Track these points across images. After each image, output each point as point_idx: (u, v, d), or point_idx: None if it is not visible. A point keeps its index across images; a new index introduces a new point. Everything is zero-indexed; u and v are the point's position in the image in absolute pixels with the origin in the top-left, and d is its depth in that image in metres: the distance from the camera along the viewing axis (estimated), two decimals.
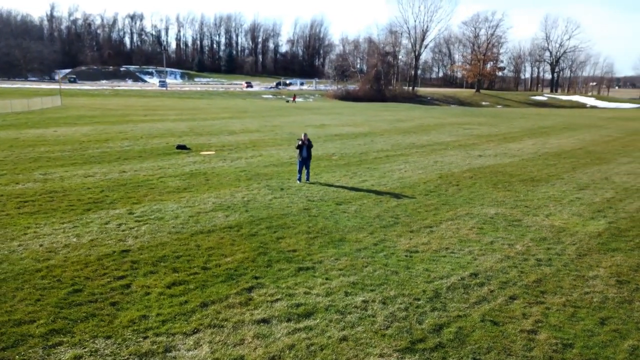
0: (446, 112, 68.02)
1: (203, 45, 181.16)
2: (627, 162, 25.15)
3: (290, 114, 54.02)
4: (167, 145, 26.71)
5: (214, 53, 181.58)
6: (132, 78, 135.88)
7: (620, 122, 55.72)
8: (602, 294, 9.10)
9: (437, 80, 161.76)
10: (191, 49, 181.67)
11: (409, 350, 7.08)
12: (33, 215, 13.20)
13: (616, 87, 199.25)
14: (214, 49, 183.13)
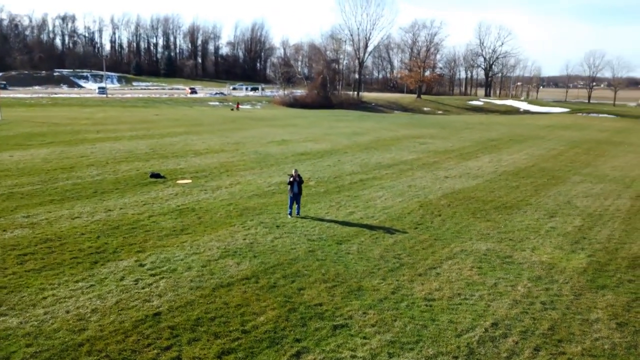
0: (395, 121, 70.00)
1: (140, 47, 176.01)
2: (580, 181, 27.27)
3: (246, 126, 53.89)
4: (139, 173, 26.29)
5: (152, 56, 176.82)
6: (66, 83, 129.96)
7: (558, 131, 59.54)
8: (609, 340, 10.24)
9: (377, 84, 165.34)
10: (127, 52, 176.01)
11: None
12: (41, 272, 12.96)
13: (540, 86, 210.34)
14: (151, 51, 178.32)
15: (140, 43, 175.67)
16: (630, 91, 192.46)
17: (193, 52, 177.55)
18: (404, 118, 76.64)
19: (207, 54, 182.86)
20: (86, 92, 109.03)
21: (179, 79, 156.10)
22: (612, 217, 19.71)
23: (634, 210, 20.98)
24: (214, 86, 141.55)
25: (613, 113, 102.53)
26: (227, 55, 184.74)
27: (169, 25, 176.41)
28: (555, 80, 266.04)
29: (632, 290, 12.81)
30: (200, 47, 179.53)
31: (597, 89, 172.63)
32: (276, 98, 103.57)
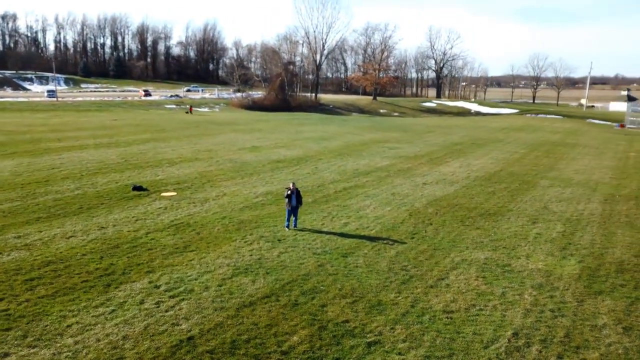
0: (357, 124, 70.97)
1: (87, 48, 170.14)
2: (549, 185, 28.77)
3: (211, 131, 53.34)
4: (119, 186, 25.77)
5: (100, 56, 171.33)
6: (10, 85, 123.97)
7: (513, 133, 62.09)
8: (621, 345, 11.12)
9: (331, 85, 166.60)
10: (73, 52, 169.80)
11: None
12: (55, 298, 12.71)
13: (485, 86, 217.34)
14: (99, 52, 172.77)
15: (87, 43, 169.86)
16: (570, 91, 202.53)
17: (143, 52, 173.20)
18: (365, 121, 77.81)
19: (158, 55, 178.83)
20: (34, 96, 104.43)
21: (129, 80, 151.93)
22: (589, 222, 21.01)
23: (606, 214, 22.42)
24: (166, 87, 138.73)
25: (559, 114, 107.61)
26: (178, 56, 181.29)
27: (117, 25, 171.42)
28: (498, 80, 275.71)
29: (626, 295, 13.84)
30: (151, 47, 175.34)
31: (540, 89, 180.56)
32: (234, 100, 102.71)
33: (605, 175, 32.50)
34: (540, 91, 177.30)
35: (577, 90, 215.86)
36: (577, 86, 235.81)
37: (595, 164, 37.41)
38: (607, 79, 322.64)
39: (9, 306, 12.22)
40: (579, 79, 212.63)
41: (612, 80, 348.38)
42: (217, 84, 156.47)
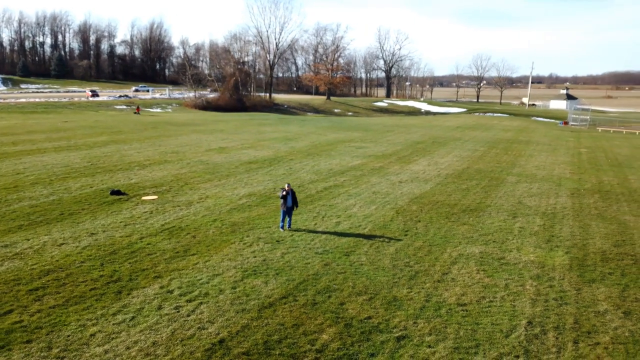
0: (317, 124, 71.37)
1: (25, 46, 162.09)
2: (516, 181, 30.16)
3: (170, 133, 52.26)
4: (95, 190, 25.02)
5: (40, 56, 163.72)
6: None
7: (468, 131, 64.28)
8: (626, 328, 11.99)
9: (282, 85, 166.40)
10: (9, 51, 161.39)
11: None
12: (67, 308, 12.35)
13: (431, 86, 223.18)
14: (38, 51, 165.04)
15: (24, 42, 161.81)
16: (510, 90, 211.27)
17: (86, 51, 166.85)
18: (324, 121, 78.36)
19: (101, 54, 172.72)
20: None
21: (72, 80, 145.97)
22: (564, 215, 22.26)
23: (577, 207, 23.80)
24: (113, 88, 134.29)
25: (505, 112, 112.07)
26: (123, 55, 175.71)
27: (57, 23, 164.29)
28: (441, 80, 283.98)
29: (617, 282, 14.87)
30: (94, 46, 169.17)
31: (483, 88, 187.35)
32: (187, 101, 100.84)
33: (564, 171, 34.36)
34: (483, 90, 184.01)
35: (517, 89, 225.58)
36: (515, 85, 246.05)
37: (553, 160, 39.44)
38: (542, 78, 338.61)
39: (22, 317, 11.78)
40: (516, 79, 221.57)
41: (547, 80, 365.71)
42: (166, 83, 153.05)
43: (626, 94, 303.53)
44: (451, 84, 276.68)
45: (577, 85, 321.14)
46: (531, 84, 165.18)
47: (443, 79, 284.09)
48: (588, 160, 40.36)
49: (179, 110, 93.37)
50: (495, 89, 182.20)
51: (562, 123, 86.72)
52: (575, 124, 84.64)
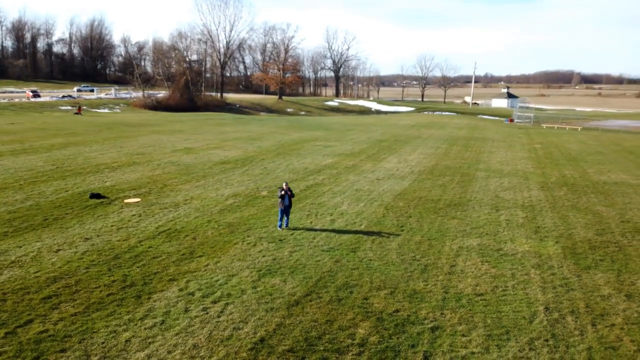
0: (276, 124, 71.20)
1: None
2: (486, 176, 31.43)
3: (128, 134, 50.69)
4: (72, 194, 24.09)
5: None
6: None
7: (424, 130, 66.06)
8: (632, 310, 12.92)
9: (231, 85, 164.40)
10: None
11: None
12: (89, 315, 11.99)
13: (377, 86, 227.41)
14: None
15: None
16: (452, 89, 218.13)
17: (21, 50, 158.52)
18: (282, 121, 78.23)
19: (37, 52, 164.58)
20: None
21: (8, 80, 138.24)
22: (542, 208, 23.47)
23: (551, 200, 25.14)
24: (53, 87, 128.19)
25: (453, 110, 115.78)
26: (62, 54, 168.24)
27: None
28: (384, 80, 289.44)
29: (609, 268, 15.93)
30: (30, 44, 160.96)
31: (428, 88, 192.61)
32: (135, 101, 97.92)
33: (527, 166, 36.09)
34: (427, 89, 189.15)
35: (457, 89, 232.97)
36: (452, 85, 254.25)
37: (512, 156, 41.29)
38: (478, 77, 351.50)
39: (45, 327, 11.33)
40: (453, 78, 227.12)
41: (483, 79, 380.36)
42: (108, 83, 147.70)
43: (557, 92, 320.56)
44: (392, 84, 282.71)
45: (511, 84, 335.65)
46: (468, 83, 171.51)
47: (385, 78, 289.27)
48: (544, 155, 42.52)
49: (128, 110, 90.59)
50: (438, 89, 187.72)
51: (507, 120, 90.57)
52: (520, 121, 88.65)
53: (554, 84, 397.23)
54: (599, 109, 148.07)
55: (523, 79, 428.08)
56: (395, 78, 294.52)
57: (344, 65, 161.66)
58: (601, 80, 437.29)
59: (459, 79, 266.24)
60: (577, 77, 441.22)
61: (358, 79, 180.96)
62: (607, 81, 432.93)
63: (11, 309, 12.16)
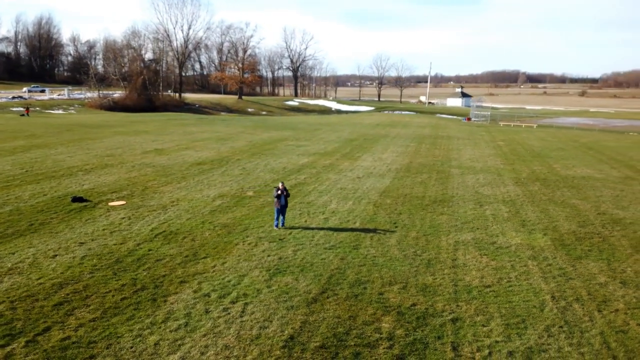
0: (241, 124, 70.59)
1: None
2: (461, 173, 32.35)
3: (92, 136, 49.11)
4: (51, 198, 23.30)
5: None
6: None
7: (389, 128, 67.13)
8: (630, 295, 13.75)
9: (187, 85, 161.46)
10: None
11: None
12: (108, 320, 11.75)
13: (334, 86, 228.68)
14: None
15: None
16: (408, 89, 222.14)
17: None
18: (246, 121, 77.63)
19: None
20: None
21: None
22: (522, 202, 24.43)
23: (529, 194, 26.19)
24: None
25: (411, 110, 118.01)
26: (8, 53, 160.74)
27: None
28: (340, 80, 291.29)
29: (599, 257, 16.83)
30: None
31: (383, 88, 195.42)
32: (90, 101, 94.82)
33: (496, 162, 37.36)
34: (383, 89, 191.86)
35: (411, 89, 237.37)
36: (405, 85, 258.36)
37: (480, 153, 42.63)
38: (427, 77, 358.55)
39: (66, 333, 11.03)
40: (406, 78, 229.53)
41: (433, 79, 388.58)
42: (57, 83, 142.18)
43: (504, 91, 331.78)
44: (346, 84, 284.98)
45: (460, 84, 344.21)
46: (419, 83, 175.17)
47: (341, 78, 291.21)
48: (510, 152, 44.10)
49: (83, 111, 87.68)
50: (394, 88, 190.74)
51: (465, 119, 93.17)
52: (477, 119, 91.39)
53: (501, 84, 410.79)
54: (548, 107, 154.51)
55: (471, 79, 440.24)
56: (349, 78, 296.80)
57: (302, 65, 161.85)
58: (545, 80, 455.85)
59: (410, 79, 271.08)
60: (523, 76, 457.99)
61: (315, 79, 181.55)
62: (551, 80, 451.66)
63: (24, 316, 11.75)
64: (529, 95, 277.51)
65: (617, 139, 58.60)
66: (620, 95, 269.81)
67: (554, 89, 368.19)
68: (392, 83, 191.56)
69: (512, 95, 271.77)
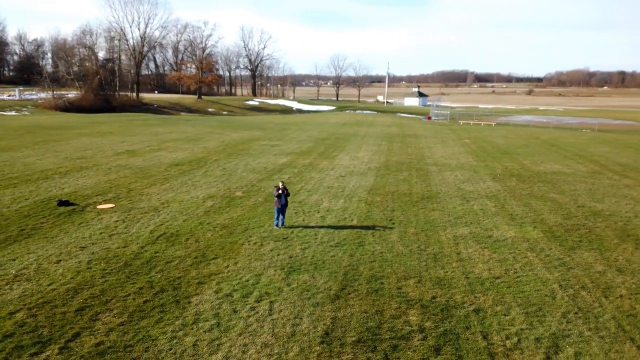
0: (207, 124, 69.65)
1: None
2: (438, 170, 33.23)
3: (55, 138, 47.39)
4: (34, 202, 22.53)
5: None
6: None
7: (356, 127, 67.88)
8: (630, 282, 14.64)
9: (144, 85, 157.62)
10: None
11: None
12: (137, 324, 11.62)
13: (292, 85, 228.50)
14: None
15: None
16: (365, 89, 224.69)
17: None
18: (211, 121, 76.64)
19: None
20: None
21: None
22: (505, 197, 25.38)
23: (508, 189, 27.22)
24: None
25: (372, 109, 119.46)
26: None
27: None
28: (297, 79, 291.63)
29: (591, 247, 17.78)
30: None
31: (341, 87, 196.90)
32: (44, 102, 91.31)
33: (468, 160, 38.53)
34: (340, 89, 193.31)
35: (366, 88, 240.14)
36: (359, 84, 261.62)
37: (451, 151, 43.82)
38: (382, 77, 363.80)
39: (98, 339, 10.83)
40: (357, 78, 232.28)
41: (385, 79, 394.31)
42: (3, 83, 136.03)
43: (455, 90, 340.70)
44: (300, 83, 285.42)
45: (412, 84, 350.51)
46: (373, 83, 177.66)
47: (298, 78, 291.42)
48: (478, 149, 45.52)
49: (38, 112, 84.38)
50: (351, 88, 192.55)
51: (425, 118, 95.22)
52: (437, 118, 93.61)
53: (451, 83, 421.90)
54: (500, 106, 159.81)
55: (423, 79, 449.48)
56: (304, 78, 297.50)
57: (260, 65, 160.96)
58: (493, 79, 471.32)
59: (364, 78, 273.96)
60: (472, 76, 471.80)
61: (274, 78, 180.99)
62: (498, 80, 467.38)
63: (48, 323, 11.43)
64: (479, 94, 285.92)
65: (574, 136, 61.42)
66: (564, 94, 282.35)
67: (501, 88, 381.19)
68: (350, 83, 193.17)
69: (464, 95, 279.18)
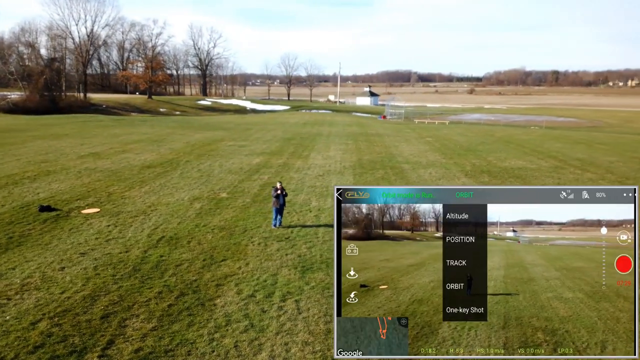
0: (164, 125, 68.09)
1: None
2: (412, 168, 34.11)
3: (9, 141, 45.12)
4: (13, 208, 21.58)
5: None
6: None
7: (317, 127, 68.30)
8: None
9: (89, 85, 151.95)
10: None
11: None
12: (169, 328, 11.50)
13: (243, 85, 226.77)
14: None
15: None
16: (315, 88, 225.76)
17: None
18: (168, 121, 74.97)
19: None
20: None
21: None
22: None
23: (484, 185, 28.30)
24: None
25: (327, 108, 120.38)
26: None
27: None
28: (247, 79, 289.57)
29: None
30: None
31: (293, 87, 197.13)
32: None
33: (436, 157, 39.69)
34: (292, 89, 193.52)
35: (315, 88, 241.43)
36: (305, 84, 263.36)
37: (417, 149, 44.95)
38: (328, 77, 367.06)
39: (136, 345, 10.66)
40: (305, 77, 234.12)
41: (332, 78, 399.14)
42: None
43: (400, 90, 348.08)
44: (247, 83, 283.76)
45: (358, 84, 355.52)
46: (320, 82, 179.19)
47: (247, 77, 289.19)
48: (442, 147, 46.91)
49: None
50: (302, 88, 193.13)
51: (380, 117, 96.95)
52: (392, 117, 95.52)
53: (395, 83, 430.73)
54: (446, 105, 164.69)
55: (368, 78, 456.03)
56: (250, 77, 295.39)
57: (210, 64, 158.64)
58: (435, 79, 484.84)
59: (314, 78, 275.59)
60: (415, 76, 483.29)
61: (224, 78, 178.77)
62: (440, 79, 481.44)
63: (76, 332, 11.12)
64: (423, 93, 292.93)
65: (525, 133, 64.27)
66: (504, 93, 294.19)
67: (444, 87, 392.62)
68: (300, 82, 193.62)
69: (409, 94, 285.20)
